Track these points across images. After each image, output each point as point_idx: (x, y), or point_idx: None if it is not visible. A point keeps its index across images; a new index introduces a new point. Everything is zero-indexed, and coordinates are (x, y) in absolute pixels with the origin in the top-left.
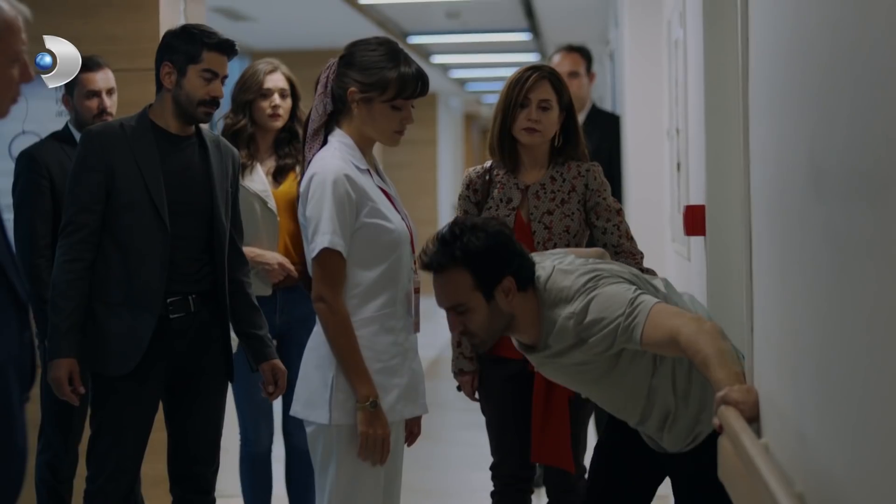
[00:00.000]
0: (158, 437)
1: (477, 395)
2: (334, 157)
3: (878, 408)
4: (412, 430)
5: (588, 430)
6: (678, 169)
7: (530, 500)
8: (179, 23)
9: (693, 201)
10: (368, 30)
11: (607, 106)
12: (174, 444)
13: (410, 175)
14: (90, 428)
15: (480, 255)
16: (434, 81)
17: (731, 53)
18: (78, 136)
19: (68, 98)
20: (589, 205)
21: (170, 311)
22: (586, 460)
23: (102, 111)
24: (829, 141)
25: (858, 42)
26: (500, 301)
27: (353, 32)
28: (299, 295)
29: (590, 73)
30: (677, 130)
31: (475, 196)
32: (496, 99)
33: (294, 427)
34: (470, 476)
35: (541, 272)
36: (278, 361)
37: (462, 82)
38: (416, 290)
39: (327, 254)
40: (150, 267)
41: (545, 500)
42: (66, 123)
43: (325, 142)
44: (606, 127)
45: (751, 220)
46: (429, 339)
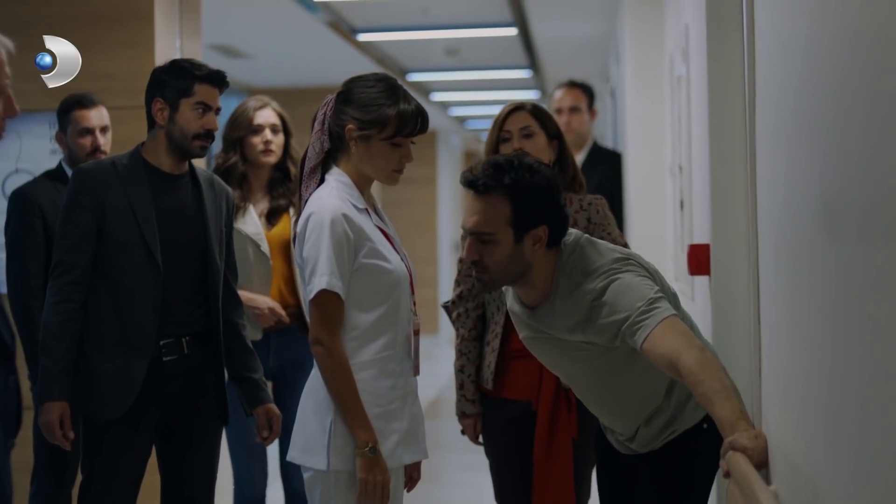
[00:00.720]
0: (152, 479)
1: (480, 439)
2: (332, 196)
3: (893, 457)
4: (412, 475)
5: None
6: (681, 207)
7: None
8: None
9: (697, 240)
10: (367, 67)
11: (608, 143)
12: (168, 489)
13: (410, 213)
14: (81, 473)
15: (528, 193)
16: (434, 119)
17: (736, 90)
18: None
19: (62, 135)
20: None
21: (162, 353)
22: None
23: (96, 149)
24: (840, 177)
25: (872, 75)
26: (527, 246)
27: (352, 70)
28: (292, 337)
29: (591, 110)
30: (680, 168)
31: None
32: None
33: (293, 469)
34: None
35: (567, 237)
36: (273, 405)
37: (462, 120)
38: (416, 332)
39: (325, 295)
40: (143, 308)
41: None
42: (60, 161)
43: (322, 180)
44: (608, 164)
45: (758, 259)
46: (428, 378)
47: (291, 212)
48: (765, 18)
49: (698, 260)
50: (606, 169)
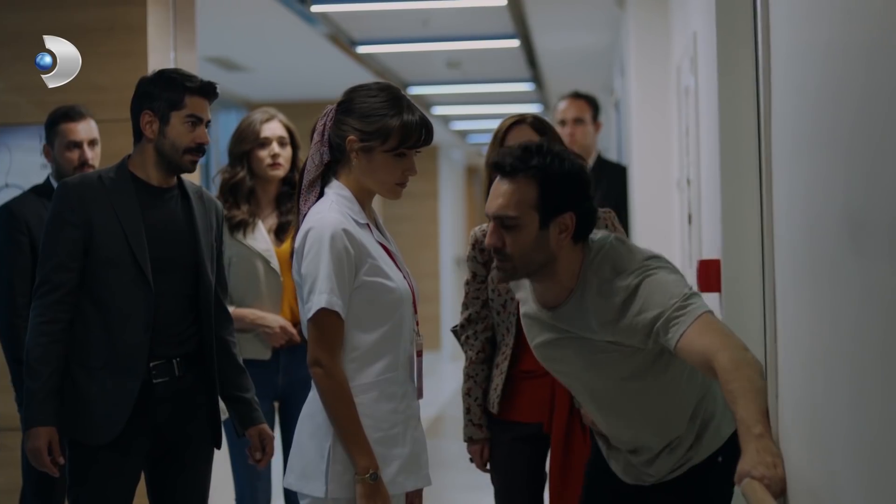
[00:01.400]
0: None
1: (488, 466)
2: (332, 211)
3: None
4: (413, 501)
5: None
6: (689, 221)
7: None
8: None
9: (707, 255)
10: (367, 80)
11: (612, 157)
12: None
13: (411, 229)
14: (67, 499)
15: (557, 178)
16: (435, 133)
17: (748, 100)
18: None
19: (49, 149)
20: None
21: (153, 375)
22: None
23: (84, 163)
24: (868, 189)
25: None
26: (553, 234)
27: (352, 83)
28: (302, 355)
29: (596, 122)
30: (688, 181)
31: (482, 256)
32: None
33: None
34: None
35: (595, 235)
36: (266, 426)
37: (464, 134)
38: (419, 354)
39: (324, 314)
40: (133, 328)
41: None
42: (48, 176)
43: (321, 194)
44: (613, 178)
45: (774, 276)
46: (430, 396)
47: None
48: (781, 25)
49: (708, 276)
50: (611, 182)
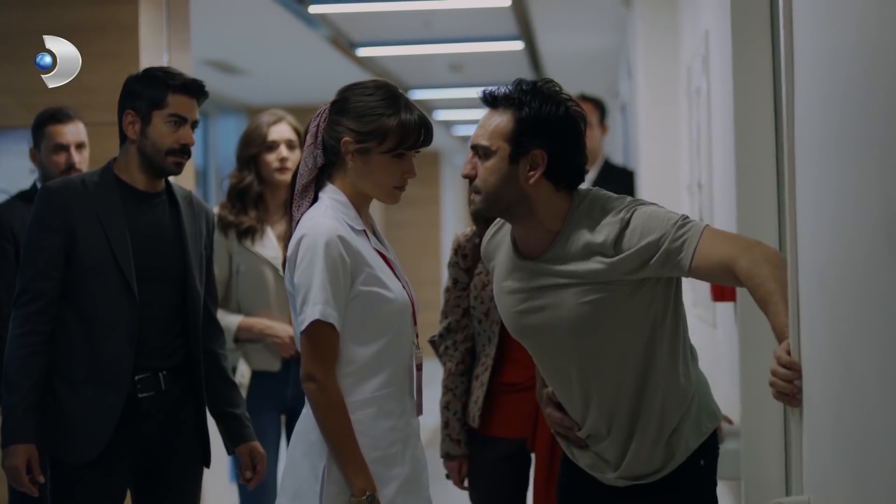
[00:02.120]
0: None
1: (466, 483)
2: (326, 217)
3: None
4: None
5: None
6: None
7: None
8: None
9: None
10: None
11: (619, 161)
12: None
13: (412, 235)
14: None
15: (532, 113)
16: (437, 138)
17: (764, 101)
18: None
19: (35, 152)
20: None
21: (138, 389)
22: None
23: (71, 167)
24: None
25: None
26: (522, 171)
27: None
28: None
29: (603, 125)
30: (699, 185)
31: (464, 262)
32: None
33: None
34: None
35: (582, 186)
36: (257, 444)
37: (466, 139)
38: (419, 368)
39: (318, 326)
40: (117, 340)
41: None
42: (34, 181)
43: (315, 199)
44: (620, 182)
45: (798, 283)
46: (429, 405)
47: None
48: (804, 20)
49: (722, 286)
50: (618, 187)
